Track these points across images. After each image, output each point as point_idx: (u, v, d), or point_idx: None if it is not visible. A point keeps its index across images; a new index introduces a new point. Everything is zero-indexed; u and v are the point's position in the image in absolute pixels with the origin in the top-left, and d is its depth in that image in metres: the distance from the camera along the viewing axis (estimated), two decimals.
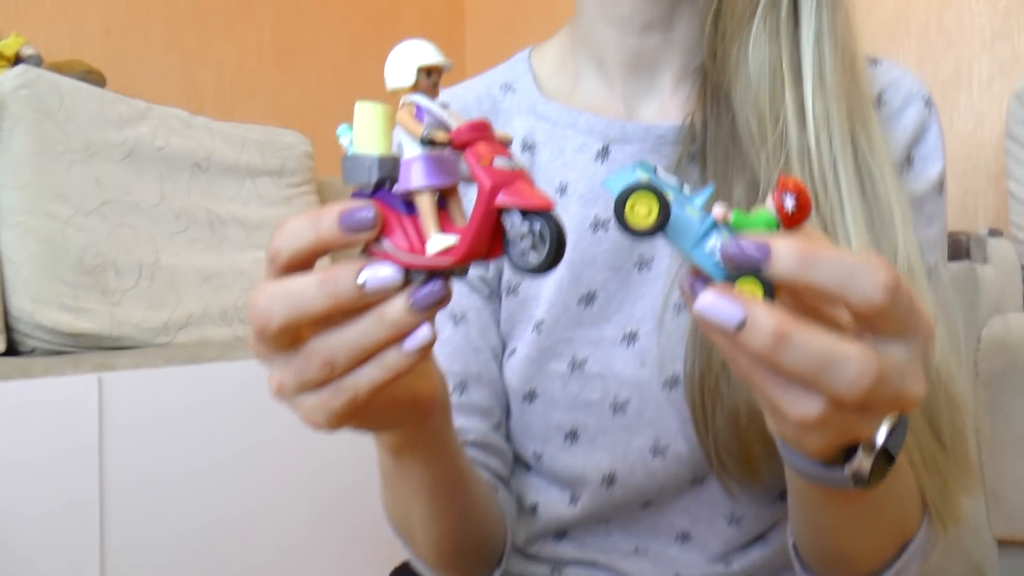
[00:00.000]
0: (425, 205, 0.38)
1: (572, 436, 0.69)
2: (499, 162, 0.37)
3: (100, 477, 1.23)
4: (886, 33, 2.57)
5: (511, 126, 0.74)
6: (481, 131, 0.38)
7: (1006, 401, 1.46)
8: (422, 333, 0.38)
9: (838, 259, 0.36)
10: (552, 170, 0.72)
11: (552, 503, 0.72)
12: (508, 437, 0.73)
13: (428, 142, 0.38)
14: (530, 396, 0.70)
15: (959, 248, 1.52)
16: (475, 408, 0.70)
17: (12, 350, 1.62)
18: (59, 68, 1.97)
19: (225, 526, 1.41)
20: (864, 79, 0.66)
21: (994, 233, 1.84)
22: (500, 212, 0.37)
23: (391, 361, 0.38)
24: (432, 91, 0.40)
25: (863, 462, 0.44)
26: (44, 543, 1.21)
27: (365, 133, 0.40)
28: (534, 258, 0.37)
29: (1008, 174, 1.98)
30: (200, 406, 1.38)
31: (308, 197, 2.19)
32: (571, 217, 0.70)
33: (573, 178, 0.71)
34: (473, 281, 0.73)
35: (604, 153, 0.71)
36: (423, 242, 0.38)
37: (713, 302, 0.36)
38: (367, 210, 0.37)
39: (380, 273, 0.37)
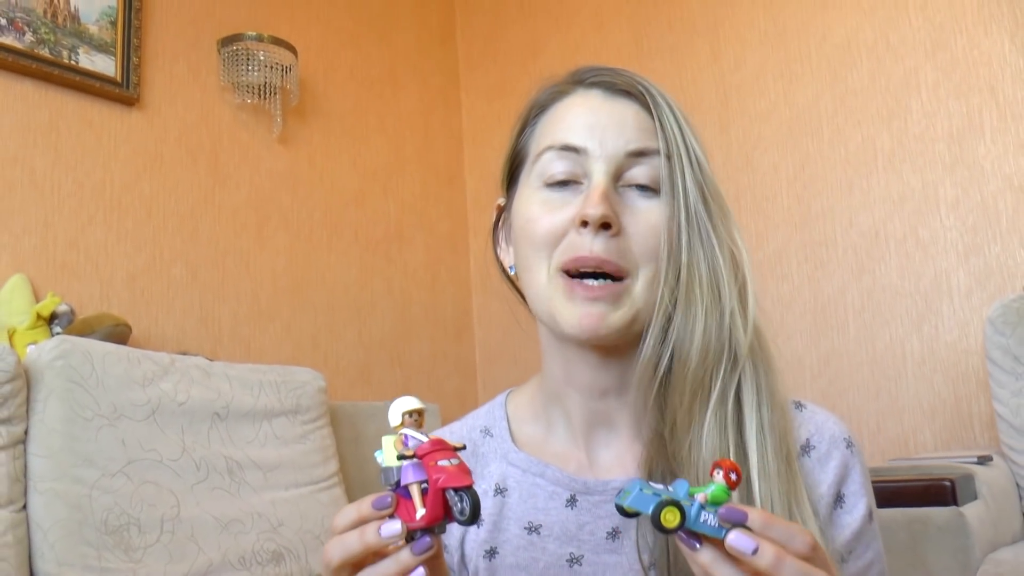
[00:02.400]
0: (413, 491, 0.60)
1: None
2: (442, 462, 0.59)
3: None
4: (866, 248, 2.72)
5: (488, 469, 0.85)
6: (435, 445, 0.60)
7: None
8: (419, 571, 0.59)
9: (783, 525, 0.58)
10: (522, 511, 0.82)
11: None
12: None
13: (400, 457, 0.60)
14: None
15: (944, 494, 1.58)
16: None
17: None
18: (89, 323, 2.10)
19: None
20: (796, 465, 0.75)
21: (983, 460, 1.90)
22: (444, 491, 0.59)
23: None
24: (417, 423, 0.62)
25: None
26: None
27: (387, 454, 0.62)
28: (464, 515, 0.58)
29: (993, 396, 2.06)
30: None
31: (323, 431, 2.27)
32: (549, 555, 0.80)
33: (548, 521, 0.81)
34: None
35: (572, 501, 0.81)
36: (413, 513, 0.59)
37: (738, 539, 0.57)
38: (385, 497, 0.60)
39: (389, 528, 0.59)
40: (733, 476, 0.59)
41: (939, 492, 1.59)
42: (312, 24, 2.97)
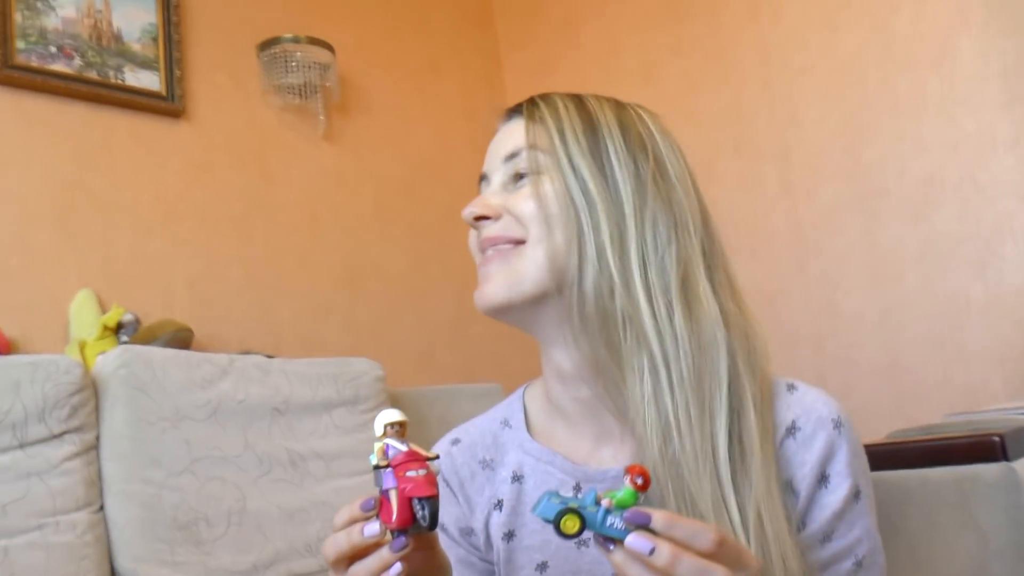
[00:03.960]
0: (391, 496, 0.67)
1: None
2: (410, 473, 0.66)
3: None
4: (921, 195, 2.66)
5: (507, 458, 0.91)
6: (408, 456, 0.68)
7: None
8: (396, 567, 0.66)
9: (687, 524, 0.62)
10: (536, 497, 0.86)
11: None
12: None
13: (375, 467, 0.68)
14: None
15: (993, 450, 1.55)
16: None
17: None
18: (153, 331, 2.21)
19: None
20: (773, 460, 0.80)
21: None
22: (410, 499, 0.66)
23: None
24: (399, 433, 0.70)
25: None
26: None
27: (377, 458, 0.69)
28: (424, 521, 0.66)
29: None
30: None
31: None
32: (560, 538, 0.83)
33: None
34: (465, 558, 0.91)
35: (578, 488, 0.87)
36: (390, 515, 0.67)
37: (635, 540, 0.61)
38: (369, 501, 0.68)
39: (370, 529, 0.66)
40: (640, 480, 0.63)
41: (988, 448, 1.56)
42: (348, 21, 3.02)
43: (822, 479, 0.82)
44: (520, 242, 0.85)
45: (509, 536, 0.88)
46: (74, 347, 2.13)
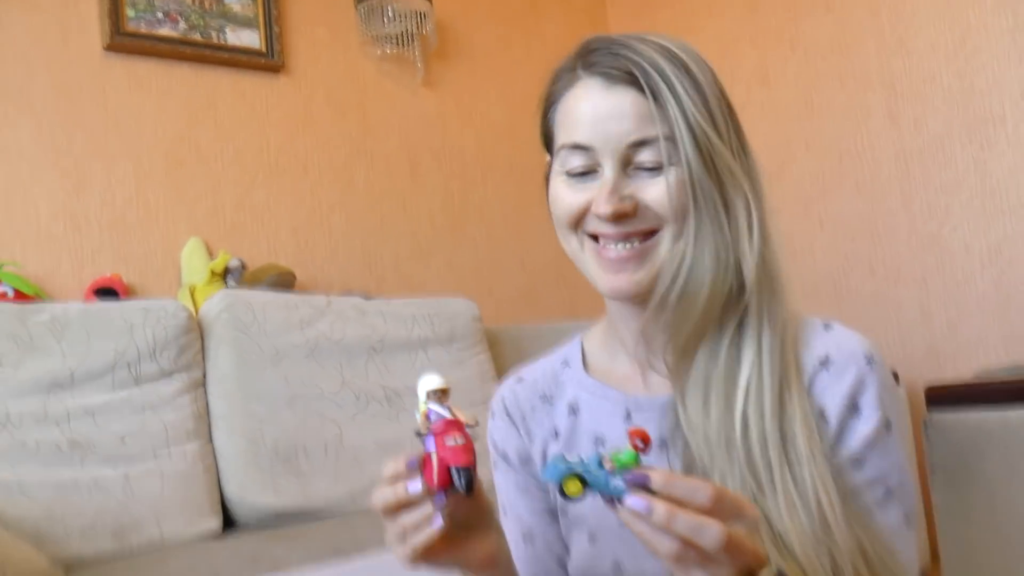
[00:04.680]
0: (433, 459, 0.72)
1: None
2: (449, 441, 0.71)
3: None
4: None
5: (565, 392, 0.98)
6: (447, 426, 0.72)
7: None
8: (437, 522, 0.71)
9: (684, 482, 0.65)
10: (590, 427, 0.95)
11: None
12: None
13: (418, 434, 0.74)
14: None
15: None
16: None
17: (230, 525, 1.95)
18: (256, 275, 2.35)
19: None
20: (795, 387, 0.83)
21: None
22: (448, 467, 0.72)
23: (426, 534, 0.72)
24: (442, 398, 0.74)
25: None
26: None
27: (421, 423, 0.74)
28: (461, 487, 0.71)
29: None
30: None
31: (479, 357, 2.42)
32: None
33: (610, 435, 0.93)
34: (539, 513, 0.97)
35: (628, 416, 0.92)
36: (432, 476, 0.71)
37: (634, 501, 0.64)
38: (414, 460, 0.72)
39: (413, 486, 0.71)
40: (640, 443, 0.67)
41: None
42: None
43: (854, 409, 0.84)
44: (653, 232, 0.85)
45: None
46: (185, 292, 2.30)
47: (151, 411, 1.88)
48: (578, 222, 0.87)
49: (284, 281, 2.36)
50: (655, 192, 0.83)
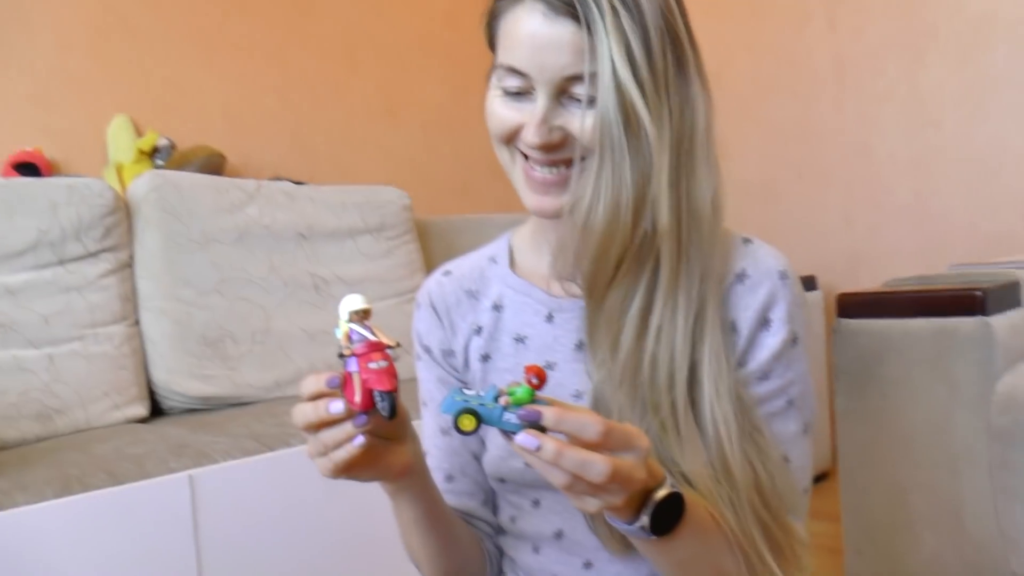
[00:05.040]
0: (354, 380, 0.72)
1: (535, 504, 0.94)
2: (372, 365, 0.71)
3: (199, 567, 1.44)
4: (972, 36, 2.55)
5: (490, 290, 1.00)
6: (369, 347, 0.72)
7: (1015, 455, 1.52)
8: (358, 440, 0.72)
9: (574, 418, 0.68)
10: (513, 325, 0.97)
11: (522, 555, 0.97)
12: (494, 508, 1.00)
13: (340, 355, 0.73)
14: (501, 480, 0.96)
15: (973, 304, 1.57)
16: (462, 492, 0.99)
17: (157, 410, 1.97)
18: (186, 156, 2.31)
19: None
20: (709, 324, 0.85)
21: None
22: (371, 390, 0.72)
23: (347, 450, 0.73)
24: (364, 319, 0.73)
25: (644, 519, 0.73)
26: None
27: (343, 344, 0.73)
28: (384, 412, 0.71)
29: None
30: (287, 489, 1.56)
31: (408, 246, 2.43)
32: (531, 361, 0.91)
33: (531, 334, 0.96)
34: None
35: (550, 318, 0.95)
36: (353, 396, 0.72)
37: (524, 439, 0.67)
38: (335, 379, 0.72)
39: (334, 406, 0.72)
40: (535, 380, 0.69)
41: (968, 302, 1.58)
42: None
43: (764, 323, 0.88)
44: (575, 160, 0.86)
45: (485, 358, 0.98)
46: (112, 170, 2.25)
47: (76, 292, 1.86)
48: (510, 139, 0.88)
49: (214, 164, 2.32)
50: (583, 123, 0.83)
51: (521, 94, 0.86)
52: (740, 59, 2.99)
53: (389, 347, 0.73)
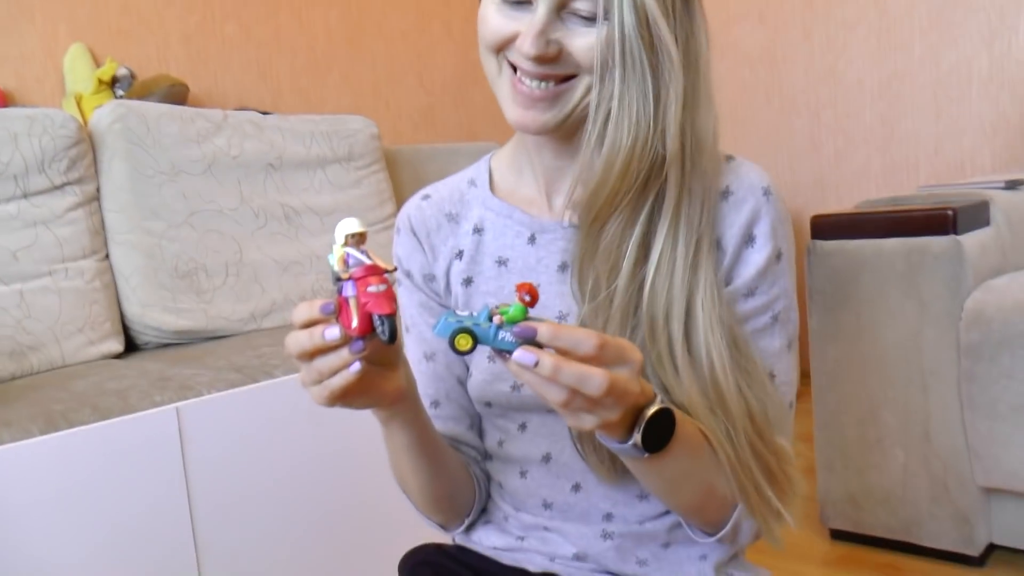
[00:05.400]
0: (351, 304, 0.70)
1: (522, 428, 0.94)
2: (371, 288, 0.69)
3: (188, 499, 1.44)
4: None
5: (471, 213, 0.98)
6: (368, 271, 0.70)
7: (982, 369, 1.57)
8: (355, 366, 0.71)
9: (570, 333, 0.67)
10: (495, 247, 0.96)
11: (509, 479, 0.97)
12: (481, 433, 1.00)
13: (337, 279, 0.71)
14: (488, 404, 0.95)
15: (944, 223, 1.61)
16: (448, 417, 0.99)
17: (131, 346, 1.95)
18: (148, 86, 2.24)
19: (309, 525, 1.61)
20: (706, 256, 0.85)
21: (1014, 185, 1.88)
22: (370, 314, 0.70)
23: (343, 376, 0.72)
24: (359, 242, 0.71)
25: (636, 436, 0.73)
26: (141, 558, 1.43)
27: (338, 267, 0.71)
28: (384, 336, 0.70)
29: None
30: (273, 420, 1.56)
31: (377, 176, 2.41)
32: (513, 283, 0.93)
33: (513, 256, 0.95)
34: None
35: (532, 239, 0.94)
36: (350, 321, 0.70)
37: (521, 355, 0.66)
38: (329, 305, 0.71)
39: (331, 332, 0.70)
40: (527, 297, 0.69)
41: (940, 221, 1.61)
42: None
43: (749, 239, 0.88)
44: (571, 77, 0.84)
45: (467, 282, 0.97)
46: (71, 101, 2.18)
47: (43, 226, 1.82)
48: (501, 48, 0.85)
49: (177, 93, 2.26)
50: (583, 42, 0.82)
51: (520, 3, 0.84)
52: None
53: (387, 271, 0.71)
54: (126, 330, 1.94)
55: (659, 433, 0.74)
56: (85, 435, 1.33)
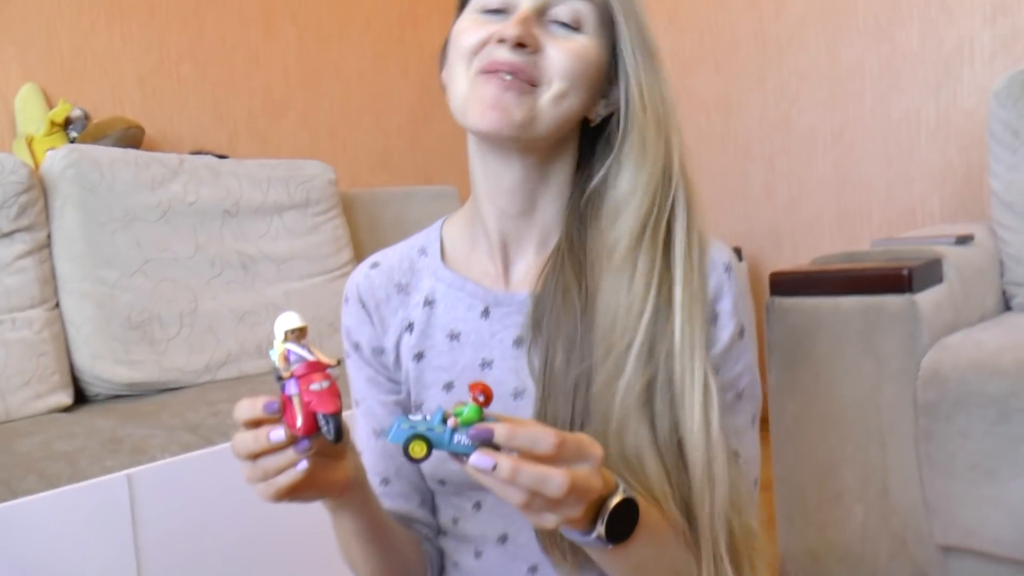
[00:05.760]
0: (295, 403, 0.69)
1: (477, 506, 0.92)
2: (314, 386, 0.68)
3: (138, 570, 1.39)
4: (887, 14, 2.61)
5: (421, 283, 0.96)
6: (309, 367, 0.69)
7: (939, 428, 1.59)
8: (302, 465, 0.70)
9: (526, 432, 0.65)
10: (446, 321, 0.93)
11: (464, 558, 0.95)
12: (433, 509, 0.97)
13: (278, 377, 0.70)
14: (441, 482, 0.93)
15: (900, 282, 1.63)
16: (399, 495, 0.96)
17: (81, 398, 1.89)
18: (102, 128, 2.20)
19: None
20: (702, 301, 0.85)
21: (963, 240, 1.92)
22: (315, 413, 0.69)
23: (289, 475, 0.70)
24: (300, 337, 0.70)
25: (600, 529, 0.71)
26: None
27: (280, 365, 0.70)
28: (330, 436, 0.68)
29: (989, 171, 2.04)
30: (227, 486, 1.47)
31: (334, 221, 2.38)
32: (466, 358, 0.91)
33: (466, 330, 0.92)
34: (389, 406, 0.96)
35: (486, 313, 0.92)
36: (294, 420, 0.69)
37: (478, 459, 0.65)
38: (273, 404, 0.69)
39: (275, 435, 0.69)
40: (482, 397, 0.67)
41: (895, 280, 1.64)
42: None
43: (713, 316, 0.88)
44: (537, 84, 0.84)
45: (419, 357, 0.93)
46: (21, 143, 2.13)
47: None
48: (478, 50, 0.84)
49: (132, 136, 2.22)
50: (565, 45, 0.84)
51: (501, 12, 0.85)
52: (664, 32, 3.00)
53: (329, 366, 0.69)
54: (76, 381, 1.88)
55: (623, 523, 0.72)
56: (30, 506, 1.28)
